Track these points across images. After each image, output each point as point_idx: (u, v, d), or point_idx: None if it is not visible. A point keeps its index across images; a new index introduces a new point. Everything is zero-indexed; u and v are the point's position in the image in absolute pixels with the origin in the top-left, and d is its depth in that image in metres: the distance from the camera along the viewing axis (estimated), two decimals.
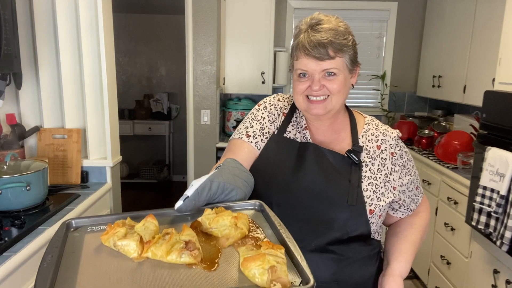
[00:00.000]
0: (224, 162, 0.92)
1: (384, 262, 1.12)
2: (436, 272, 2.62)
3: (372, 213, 1.01)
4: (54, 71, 2.03)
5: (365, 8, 3.76)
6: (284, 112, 1.12)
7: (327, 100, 0.99)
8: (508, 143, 1.83)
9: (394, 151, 1.08)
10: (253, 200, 0.85)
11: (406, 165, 1.09)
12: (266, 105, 1.13)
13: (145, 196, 4.85)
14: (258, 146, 1.07)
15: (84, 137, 2.09)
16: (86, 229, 0.75)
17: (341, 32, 0.96)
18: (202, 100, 3.19)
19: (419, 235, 1.14)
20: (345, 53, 0.97)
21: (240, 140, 1.07)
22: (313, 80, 0.97)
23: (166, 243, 0.65)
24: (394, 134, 1.10)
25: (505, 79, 1.99)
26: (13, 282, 1.27)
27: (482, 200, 1.88)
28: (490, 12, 2.53)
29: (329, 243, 0.98)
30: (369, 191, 1.02)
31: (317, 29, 0.95)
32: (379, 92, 3.90)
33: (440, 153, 2.77)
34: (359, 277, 1.03)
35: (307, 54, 0.95)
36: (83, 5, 1.95)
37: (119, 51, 4.99)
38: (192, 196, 0.75)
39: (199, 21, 3.07)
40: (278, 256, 0.62)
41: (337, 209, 0.98)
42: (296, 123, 1.10)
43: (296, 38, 0.99)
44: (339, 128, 1.09)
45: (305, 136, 1.08)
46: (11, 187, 1.54)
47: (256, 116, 1.11)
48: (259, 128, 1.08)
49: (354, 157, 1.02)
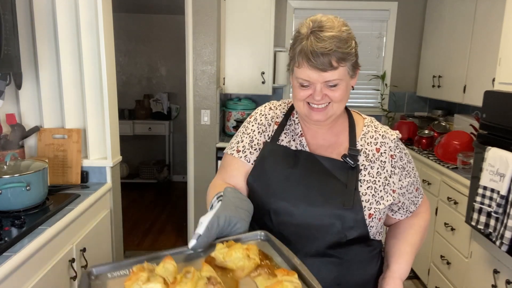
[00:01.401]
0: (225, 192, 0.92)
1: (384, 264, 1.12)
2: (436, 272, 2.62)
3: (371, 216, 1.01)
4: (54, 71, 2.03)
5: (365, 8, 3.77)
6: (276, 121, 1.12)
7: (328, 107, 0.99)
8: (508, 143, 1.83)
9: (394, 153, 1.07)
10: (259, 231, 0.88)
11: (406, 167, 1.09)
12: (256, 116, 1.14)
13: (145, 196, 4.85)
14: (247, 159, 1.08)
15: (84, 137, 2.09)
16: (107, 275, 0.76)
17: (344, 39, 0.94)
18: (202, 100, 3.19)
19: (419, 236, 1.13)
20: (347, 61, 0.95)
21: (231, 157, 1.11)
22: (315, 90, 0.96)
23: (191, 281, 0.68)
24: (394, 136, 1.09)
25: (505, 79, 1.99)
26: (13, 282, 1.27)
27: (482, 200, 1.88)
28: (490, 12, 2.53)
29: (329, 247, 0.98)
30: (368, 195, 1.01)
31: (320, 37, 0.92)
32: (379, 92, 3.90)
33: (440, 153, 2.77)
34: (360, 279, 1.03)
35: (310, 65, 0.93)
36: (83, 5, 1.95)
37: (119, 51, 4.99)
38: (204, 233, 0.78)
39: (199, 21, 3.07)
40: (293, 281, 0.68)
41: (333, 214, 0.97)
42: (291, 131, 1.10)
43: (296, 41, 0.97)
44: (339, 131, 1.09)
45: (301, 143, 1.07)
46: (11, 187, 1.54)
47: (247, 129, 1.13)
48: (248, 141, 1.10)
49: (350, 161, 1.01)
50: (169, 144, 5.29)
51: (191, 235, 3.39)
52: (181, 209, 4.18)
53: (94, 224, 1.89)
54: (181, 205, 4.35)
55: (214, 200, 0.93)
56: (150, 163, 5.25)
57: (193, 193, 3.33)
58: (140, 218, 4.12)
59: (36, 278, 1.38)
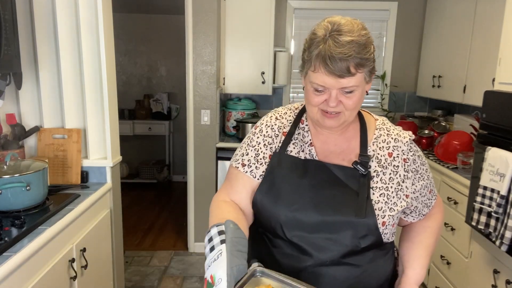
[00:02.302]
0: (226, 230, 0.89)
1: (399, 268, 1.11)
2: (436, 272, 2.62)
3: (385, 224, 0.99)
4: (54, 71, 2.02)
5: (365, 8, 3.77)
6: (284, 131, 1.08)
7: (340, 114, 0.97)
8: (508, 143, 1.83)
9: (407, 157, 1.05)
10: (253, 267, 0.90)
11: (419, 170, 1.07)
12: (262, 128, 1.10)
13: (145, 196, 4.85)
14: (253, 174, 1.06)
15: (84, 137, 2.08)
16: None
17: (363, 44, 0.90)
18: (202, 100, 3.19)
19: (433, 238, 1.12)
20: (366, 67, 0.92)
21: (237, 170, 1.08)
22: (330, 95, 0.93)
23: None
24: (407, 139, 1.06)
25: (505, 79, 1.99)
26: (13, 282, 1.27)
27: (482, 200, 1.88)
28: (490, 12, 2.53)
29: (343, 256, 0.97)
30: (380, 202, 0.99)
31: (339, 41, 0.88)
32: (379, 92, 3.90)
33: (440, 153, 2.77)
34: (375, 282, 1.02)
35: (327, 70, 0.90)
36: (83, 5, 1.95)
37: (119, 51, 4.99)
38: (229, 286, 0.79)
39: (199, 21, 3.07)
40: None
41: (346, 223, 0.96)
42: (299, 140, 1.07)
43: (313, 43, 0.92)
44: (350, 136, 1.07)
45: (310, 153, 1.05)
46: (11, 187, 1.54)
47: (252, 141, 1.10)
48: (254, 155, 1.07)
49: (361, 168, 0.99)
50: (169, 144, 5.29)
51: (191, 236, 3.40)
52: (181, 209, 4.18)
53: (94, 224, 1.89)
54: (181, 205, 4.35)
55: (215, 234, 0.89)
56: (150, 163, 5.25)
57: (193, 193, 3.33)
58: (140, 218, 4.12)
59: (36, 278, 1.38)
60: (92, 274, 1.85)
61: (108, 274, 2.11)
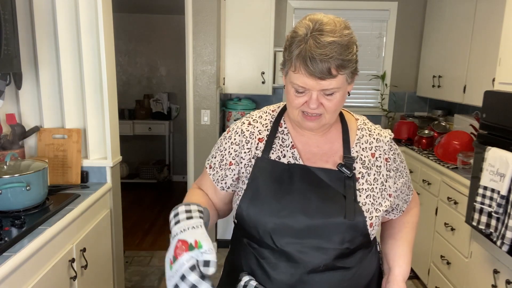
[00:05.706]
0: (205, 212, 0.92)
1: (384, 265, 1.12)
2: (436, 272, 2.62)
3: (372, 225, 0.99)
4: (54, 71, 2.03)
5: (365, 8, 3.77)
6: (259, 137, 1.05)
7: (321, 116, 0.95)
8: (508, 143, 1.83)
9: (388, 156, 1.05)
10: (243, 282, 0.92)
11: (399, 168, 1.08)
12: (231, 134, 1.08)
13: (145, 196, 4.85)
14: (214, 178, 1.09)
15: (84, 137, 2.08)
16: None
17: (345, 45, 0.88)
18: (202, 100, 3.19)
19: (413, 233, 1.15)
20: (347, 68, 0.89)
21: (205, 170, 1.13)
22: (310, 97, 0.91)
23: None
24: (387, 138, 1.07)
25: (505, 79, 1.99)
26: (13, 282, 1.27)
27: (482, 200, 1.88)
28: (490, 12, 2.53)
29: (335, 259, 0.96)
30: (367, 204, 0.99)
31: (320, 42, 0.86)
32: (379, 92, 3.90)
33: (440, 153, 2.77)
34: (364, 280, 1.03)
35: (307, 71, 0.87)
36: (83, 5, 1.95)
37: (119, 51, 4.99)
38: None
39: (199, 21, 3.07)
40: None
41: (335, 227, 0.95)
42: (279, 145, 1.04)
43: (293, 43, 0.90)
44: (332, 138, 1.05)
45: (293, 155, 1.02)
46: (11, 187, 1.54)
47: (220, 146, 1.10)
48: (219, 160, 1.08)
49: (346, 170, 0.98)
50: (169, 144, 5.29)
51: None
52: None
53: (94, 224, 1.89)
54: None
55: (195, 210, 0.90)
56: (150, 163, 5.25)
57: None
58: (140, 218, 4.12)
59: (36, 278, 1.38)
60: (92, 274, 1.85)
61: (108, 274, 2.11)
